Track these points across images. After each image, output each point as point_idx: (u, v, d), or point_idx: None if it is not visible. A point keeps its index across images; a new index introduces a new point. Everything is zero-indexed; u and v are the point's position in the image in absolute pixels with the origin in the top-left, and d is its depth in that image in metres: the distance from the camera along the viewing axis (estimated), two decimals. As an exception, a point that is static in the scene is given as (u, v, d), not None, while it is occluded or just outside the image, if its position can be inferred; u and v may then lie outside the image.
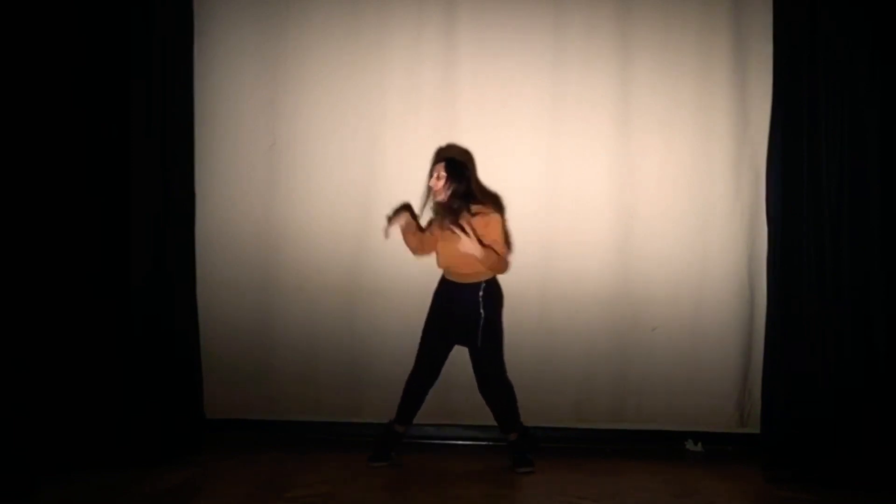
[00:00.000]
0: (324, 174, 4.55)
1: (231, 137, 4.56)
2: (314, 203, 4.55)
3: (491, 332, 4.09)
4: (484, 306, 4.05)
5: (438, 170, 4.13)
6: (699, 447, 4.52)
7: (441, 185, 4.09)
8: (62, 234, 4.02)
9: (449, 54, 4.55)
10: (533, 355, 4.51)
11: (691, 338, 4.51)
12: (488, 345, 4.08)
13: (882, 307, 4.07)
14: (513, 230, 4.51)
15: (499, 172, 4.54)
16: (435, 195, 4.13)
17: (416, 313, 4.26)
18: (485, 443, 4.49)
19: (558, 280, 4.52)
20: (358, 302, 4.55)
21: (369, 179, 4.52)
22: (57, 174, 4.02)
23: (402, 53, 4.54)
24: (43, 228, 3.98)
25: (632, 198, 4.53)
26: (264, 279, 4.57)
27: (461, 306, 4.08)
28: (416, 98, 4.55)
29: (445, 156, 4.30)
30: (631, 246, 4.53)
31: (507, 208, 4.52)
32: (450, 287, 4.15)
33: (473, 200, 4.11)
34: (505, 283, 4.46)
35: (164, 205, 4.25)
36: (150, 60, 4.21)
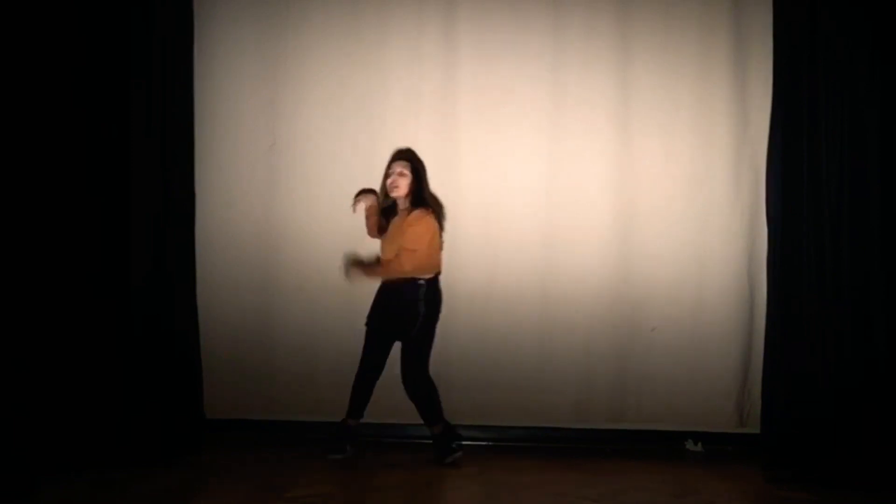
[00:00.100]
0: (324, 174, 4.55)
1: (231, 137, 4.56)
2: (314, 203, 4.55)
3: (426, 330, 4.10)
4: (425, 304, 4.06)
5: (402, 167, 4.12)
6: (699, 447, 4.52)
7: (405, 183, 4.09)
8: (62, 234, 4.02)
9: (449, 55, 4.55)
10: (533, 355, 4.52)
11: (691, 338, 4.51)
12: (420, 342, 4.10)
13: (882, 307, 4.07)
14: (513, 231, 4.52)
15: (499, 173, 4.55)
16: (391, 191, 4.12)
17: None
18: (484, 443, 4.49)
19: (558, 280, 4.52)
20: (358, 302, 4.53)
21: (369, 180, 4.50)
22: (57, 174, 4.02)
23: (402, 53, 4.55)
24: (43, 228, 3.98)
25: (632, 198, 4.54)
26: (264, 279, 4.57)
27: (399, 303, 4.09)
28: (416, 98, 4.56)
29: (408, 155, 4.25)
30: (631, 246, 4.53)
31: (508, 209, 4.53)
32: (388, 284, 4.16)
33: (421, 204, 4.10)
34: (505, 283, 4.48)
35: (164, 205, 4.25)
36: (150, 60, 4.21)
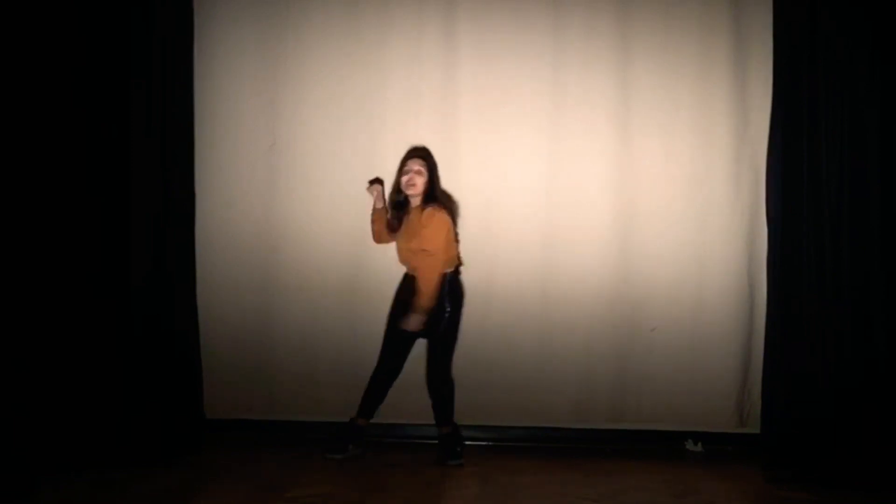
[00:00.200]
0: (324, 174, 4.55)
1: (231, 137, 4.56)
2: (314, 203, 4.55)
3: (451, 326, 4.10)
4: (449, 302, 4.06)
5: (419, 165, 4.13)
6: (699, 447, 4.52)
7: (421, 181, 4.10)
8: (62, 234, 4.02)
9: (449, 55, 4.55)
10: (533, 355, 4.52)
11: (691, 338, 4.51)
12: (445, 339, 4.10)
13: (882, 307, 4.07)
14: (513, 231, 4.51)
15: (499, 173, 4.55)
16: (407, 189, 4.13)
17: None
18: (484, 443, 4.49)
19: (558, 280, 4.51)
20: (358, 302, 4.55)
21: (369, 180, 4.51)
22: (57, 174, 4.02)
23: (402, 53, 4.55)
24: (43, 228, 3.98)
25: (632, 198, 4.53)
26: (264, 279, 4.57)
27: None
28: (416, 98, 4.55)
29: (424, 153, 4.26)
30: (631, 246, 4.53)
31: (508, 209, 4.53)
32: (411, 281, 4.15)
33: (433, 201, 4.12)
34: (505, 283, 4.47)
35: (164, 205, 4.25)
36: (150, 60, 4.21)
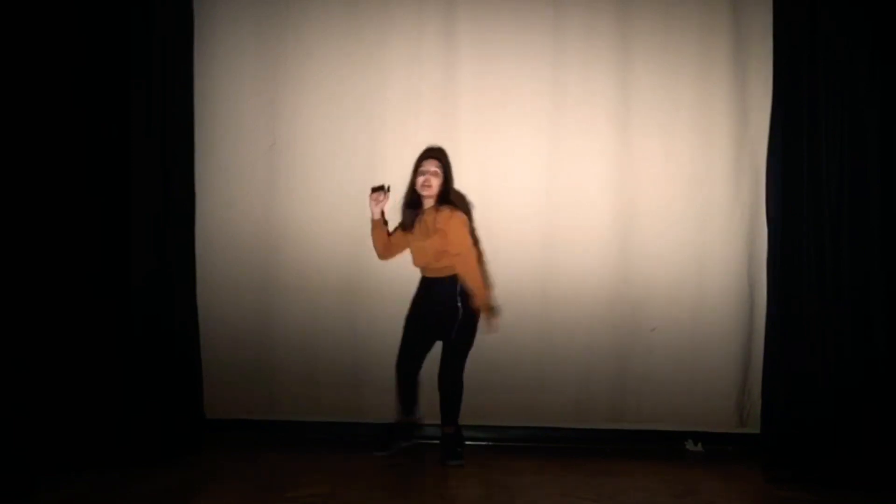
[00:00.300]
0: (324, 174, 4.55)
1: (231, 137, 4.55)
2: (314, 203, 4.55)
3: (466, 329, 4.10)
4: (462, 301, 4.07)
5: (435, 166, 4.14)
6: (699, 447, 4.52)
7: (437, 183, 4.10)
8: (62, 234, 4.02)
9: (449, 55, 4.54)
10: (533, 355, 4.51)
11: (691, 338, 4.51)
12: (461, 340, 4.10)
13: (882, 307, 4.07)
14: (513, 231, 4.51)
15: (499, 173, 4.55)
16: (423, 190, 4.13)
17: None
18: (485, 443, 4.49)
19: (558, 280, 4.51)
20: (358, 302, 4.55)
21: (369, 180, 4.51)
22: (57, 174, 4.02)
23: (402, 53, 4.54)
24: (43, 228, 3.98)
25: (632, 198, 4.53)
26: (264, 279, 4.56)
27: (439, 301, 4.11)
28: (416, 98, 4.55)
29: (439, 154, 4.29)
30: (631, 246, 4.53)
31: (508, 209, 4.53)
32: (427, 283, 4.17)
33: (447, 202, 4.14)
34: (505, 283, 4.46)
35: (164, 205, 4.25)
36: (150, 60, 4.21)
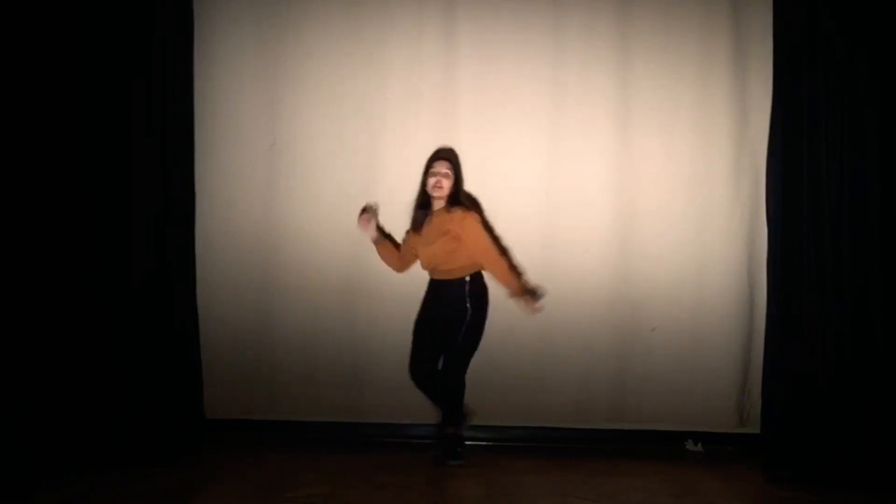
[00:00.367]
0: (324, 174, 4.55)
1: (231, 137, 4.55)
2: (314, 203, 4.55)
3: (473, 331, 4.09)
4: (471, 303, 4.06)
5: (446, 168, 4.13)
6: (699, 447, 4.52)
7: (448, 185, 4.10)
8: (62, 234, 4.02)
9: (449, 55, 4.54)
10: (533, 355, 4.51)
11: (691, 338, 4.51)
12: (467, 342, 4.09)
13: (882, 307, 4.07)
14: (513, 231, 4.51)
15: (499, 173, 4.54)
16: (434, 191, 4.13)
17: (416, 313, 4.28)
18: (484, 443, 4.49)
19: (558, 280, 4.50)
20: (358, 302, 4.55)
21: (369, 180, 4.52)
22: (57, 174, 4.02)
23: (402, 54, 4.54)
24: (43, 228, 3.98)
25: (632, 198, 4.53)
26: (264, 279, 4.56)
27: (448, 303, 4.10)
28: (416, 98, 4.55)
29: (450, 155, 4.28)
30: (631, 246, 4.53)
31: (508, 209, 4.52)
32: (436, 285, 4.17)
33: (457, 203, 4.14)
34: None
35: (164, 205, 4.25)
36: (150, 60, 4.21)
